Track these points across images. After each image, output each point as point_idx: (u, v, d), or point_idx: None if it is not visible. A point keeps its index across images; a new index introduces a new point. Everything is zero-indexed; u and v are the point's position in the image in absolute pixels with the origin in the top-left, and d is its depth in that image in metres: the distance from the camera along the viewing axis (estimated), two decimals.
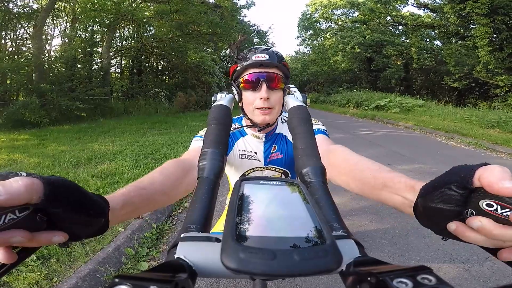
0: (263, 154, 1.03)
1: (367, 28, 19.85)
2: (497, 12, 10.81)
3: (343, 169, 0.61)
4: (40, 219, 0.30)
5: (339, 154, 0.65)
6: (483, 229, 0.29)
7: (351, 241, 0.28)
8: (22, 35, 10.90)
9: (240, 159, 1.03)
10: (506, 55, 11.09)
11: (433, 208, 0.33)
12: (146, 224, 2.08)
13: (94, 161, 3.76)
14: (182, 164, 0.66)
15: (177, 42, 12.79)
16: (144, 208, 0.51)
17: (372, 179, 0.50)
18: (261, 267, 0.18)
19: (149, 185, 0.53)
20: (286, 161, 1.04)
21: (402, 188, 0.43)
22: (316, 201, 0.36)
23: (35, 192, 0.27)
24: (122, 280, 0.19)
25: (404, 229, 2.23)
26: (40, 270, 1.51)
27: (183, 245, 0.26)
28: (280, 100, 0.90)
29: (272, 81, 0.86)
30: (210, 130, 0.47)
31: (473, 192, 0.30)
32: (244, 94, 0.90)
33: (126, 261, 1.72)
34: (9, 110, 7.53)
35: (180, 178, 0.62)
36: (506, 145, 5.51)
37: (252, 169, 1.05)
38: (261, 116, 0.89)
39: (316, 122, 0.94)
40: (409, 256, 1.89)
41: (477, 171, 0.29)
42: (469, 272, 1.72)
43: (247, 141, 1.03)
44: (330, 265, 0.20)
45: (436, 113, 9.41)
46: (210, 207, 0.35)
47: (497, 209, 0.28)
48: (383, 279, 0.20)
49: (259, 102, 0.86)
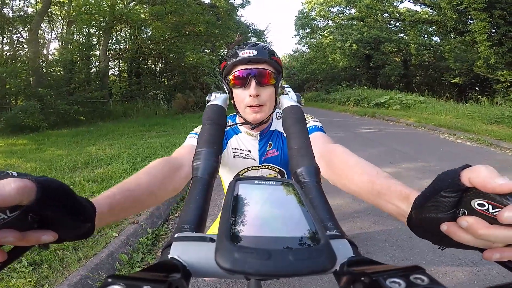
0: (258, 152, 1.00)
1: (365, 25, 19.79)
2: (495, 6, 10.74)
3: (340, 171, 0.59)
4: (32, 219, 0.30)
5: (338, 155, 0.64)
6: (470, 228, 0.29)
7: (345, 241, 0.28)
8: (18, 39, 10.88)
9: (233, 158, 1.00)
10: (506, 49, 11.03)
11: (429, 218, 0.33)
12: (141, 229, 2.02)
13: (91, 165, 3.71)
14: (169, 163, 0.65)
15: (174, 44, 12.76)
16: (130, 210, 0.50)
17: (369, 183, 0.49)
18: (255, 267, 0.19)
19: (135, 186, 0.52)
20: (282, 159, 1.01)
21: (397, 197, 0.43)
22: (310, 201, 0.36)
23: (27, 195, 0.27)
24: (115, 280, 0.19)
25: (408, 231, 2.09)
26: (31, 276, 1.47)
27: (177, 245, 0.26)
28: (272, 97, 0.87)
29: (262, 77, 0.83)
30: (204, 130, 0.48)
31: (465, 193, 0.30)
32: (234, 91, 0.87)
33: (120, 267, 1.67)
34: (8, 115, 7.49)
35: (167, 177, 0.61)
36: (510, 141, 5.38)
37: (246, 169, 1.02)
38: (252, 114, 0.86)
39: (311, 119, 0.92)
40: (415, 261, 1.81)
41: (462, 172, 0.29)
42: (477, 276, 1.65)
43: (240, 139, 1.00)
44: (324, 265, 0.20)
45: (438, 110, 9.30)
46: (204, 207, 0.35)
47: (489, 209, 0.28)
48: (377, 279, 0.20)
49: (249, 100, 0.84)
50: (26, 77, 9.46)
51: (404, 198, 0.41)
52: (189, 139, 0.87)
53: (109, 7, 10.17)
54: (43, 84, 8.72)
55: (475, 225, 0.28)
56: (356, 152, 0.61)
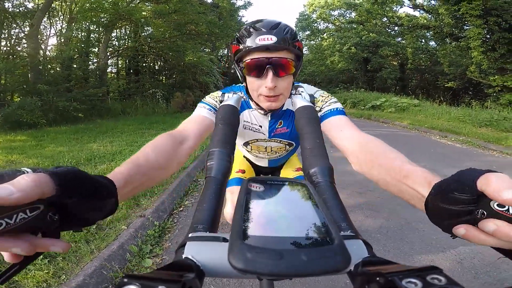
0: (268, 128, 0.99)
1: (364, 29, 20.00)
2: (490, 13, 10.99)
3: (374, 157, 0.60)
4: (51, 218, 0.29)
5: (370, 142, 0.66)
6: (500, 232, 0.28)
7: (360, 241, 0.28)
8: (18, 35, 10.81)
9: (244, 129, 1.00)
10: (499, 55, 11.28)
11: (443, 208, 0.33)
12: (149, 222, 2.12)
13: (93, 162, 3.78)
14: (173, 137, 0.65)
15: (174, 42, 12.76)
16: (143, 185, 0.52)
17: (398, 168, 0.50)
18: (268, 267, 0.19)
19: (144, 161, 0.54)
20: (291, 133, 1.00)
21: (421, 182, 0.43)
22: (324, 201, 0.36)
23: (45, 186, 0.27)
24: (131, 280, 0.19)
25: (398, 223, 2.30)
26: (48, 268, 1.54)
27: (191, 245, 0.27)
28: (289, 86, 0.80)
29: (280, 67, 0.74)
30: (218, 130, 0.48)
31: (482, 195, 0.29)
32: (248, 78, 0.80)
33: (131, 258, 1.76)
34: (6, 111, 7.47)
35: (172, 153, 0.62)
36: (497, 143, 5.64)
37: (255, 140, 1.05)
38: (267, 103, 0.81)
39: (332, 99, 0.86)
40: (404, 249, 1.96)
41: (478, 181, 0.29)
42: (461, 264, 1.79)
43: (252, 114, 0.97)
44: (338, 265, 0.20)
45: (431, 113, 9.53)
46: (218, 207, 0.35)
47: (509, 210, 0.27)
48: (392, 279, 0.20)
49: (264, 90, 0.77)
50: (24, 73, 9.42)
51: (427, 183, 0.41)
52: (198, 109, 0.84)
53: (112, 5, 10.16)
54: (42, 81, 8.70)
55: (506, 228, 0.28)
56: None
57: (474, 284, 1.63)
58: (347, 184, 3.16)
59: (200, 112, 0.83)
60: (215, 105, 0.86)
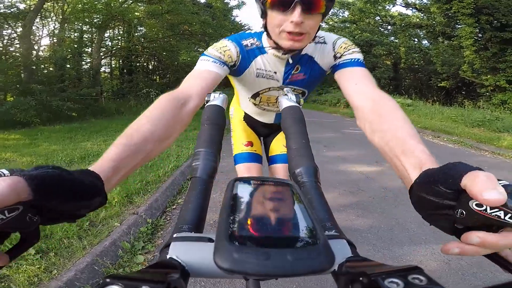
0: (283, 75, 0.91)
1: (357, 28, 20.17)
2: (482, 12, 11.17)
3: (383, 119, 0.56)
4: (30, 219, 0.29)
5: (386, 103, 0.60)
6: (485, 243, 0.29)
7: (343, 241, 0.28)
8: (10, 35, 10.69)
9: (256, 78, 0.92)
10: (491, 54, 11.47)
11: (425, 198, 0.34)
12: (141, 219, 2.14)
13: (87, 160, 3.78)
14: (174, 99, 0.62)
15: (168, 42, 12.75)
16: (137, 165, 0.49)
17: (399, 140, 0.48)
18: (254, 267, 0.19)
19: (138, 139, 0.49)
20: (308, 81, 0.93)
21: (414, 164, 0.42)
22: (309, 201, 0.37)
23: (21, 191, 0.26)
24: (113, 280, 0.19)
25: (389, 224, 2.32)
26: (39, 263, 1.55)
27: (176, 245, 0.27)
28: (316, 26, 0.72)
29: (311, 4, 0.67)
30: (204, 130, 0.47)
31: (463, 192, 0.29)
32: (270, 13, 0.71)
33: (123, 254, 1.78)
34: None
35: (173, 119, 0.58)
36: (489, 144, 5.72)
37: (268, 89, 0.96)
38: (290, 41, 0.72)
39: (352, 47, 0.81)
40: (393, 249, 1.98)
41: (464, 177, 0.29)
42: (448, 265, 1.81)
43: (266, 60, 0.88)
44: (323, 265, 0.20)
45: (424, 112, 9.64)
46: (203, 208, 0.35)
47: (487, 209, 0.27)
48: (375, 279, 0.20)
49: (289, 26, 0.69)
50: (18, 73, 9.34)
51: (419, 167, 0.40)
52: (201, 63, 0.78)
53: (105, 5, 10.12)
54: (35, 80, 8.64)
55: (490, 238, 0.28)
56: (345, 152, 0.69)
57: (461, 285, 1.63)
58: (339, 183, 3.19)
59: (203, 66, 0.76)
60: (219, 57, 0.79)
